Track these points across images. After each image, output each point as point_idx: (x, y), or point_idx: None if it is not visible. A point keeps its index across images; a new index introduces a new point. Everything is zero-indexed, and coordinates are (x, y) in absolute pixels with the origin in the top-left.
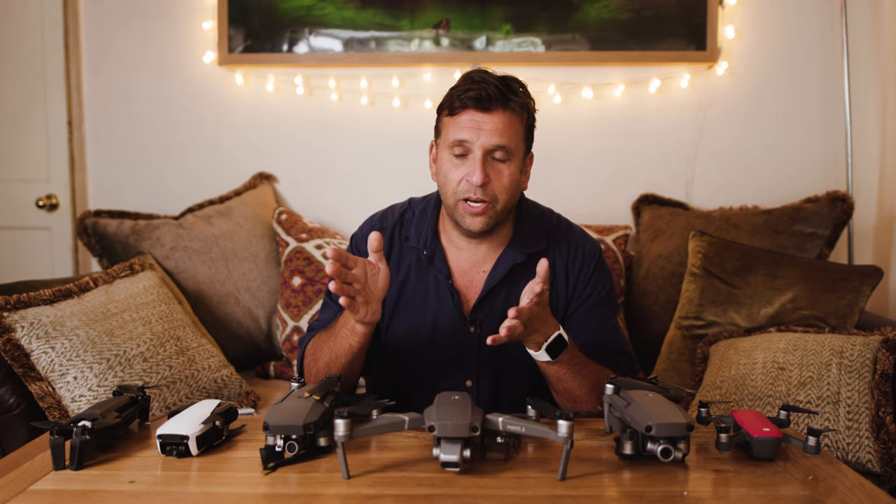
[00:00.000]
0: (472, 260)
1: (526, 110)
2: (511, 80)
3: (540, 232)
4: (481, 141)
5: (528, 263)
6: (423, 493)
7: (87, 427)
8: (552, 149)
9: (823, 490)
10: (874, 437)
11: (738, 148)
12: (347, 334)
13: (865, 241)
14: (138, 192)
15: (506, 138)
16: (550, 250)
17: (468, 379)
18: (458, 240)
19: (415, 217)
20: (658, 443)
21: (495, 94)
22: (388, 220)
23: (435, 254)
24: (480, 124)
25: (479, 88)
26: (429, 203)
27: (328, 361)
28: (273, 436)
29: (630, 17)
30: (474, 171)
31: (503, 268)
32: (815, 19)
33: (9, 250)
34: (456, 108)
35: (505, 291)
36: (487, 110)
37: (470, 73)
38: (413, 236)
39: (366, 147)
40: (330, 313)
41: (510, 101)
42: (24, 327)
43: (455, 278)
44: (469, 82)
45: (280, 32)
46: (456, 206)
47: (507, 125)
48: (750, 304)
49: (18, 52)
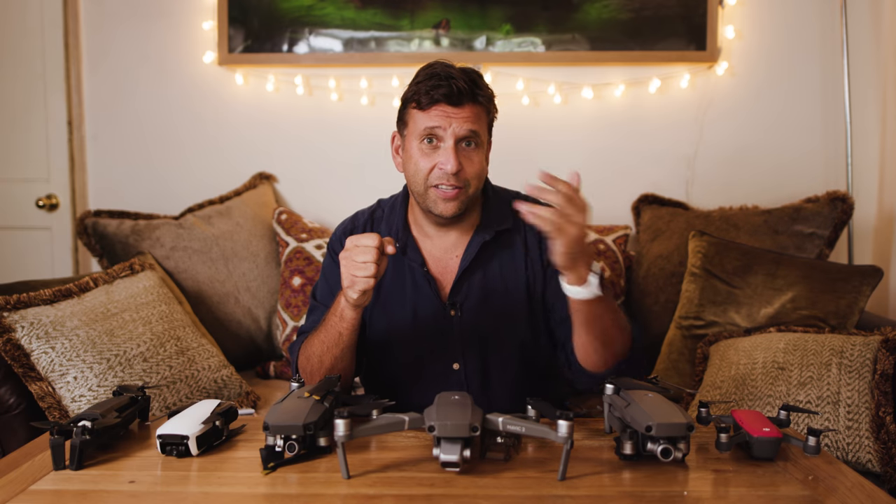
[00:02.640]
0: (443, 246)
1: (490, 102)
2: (475, 75)
3: (506, 210)
4: (453, 129)
5: (497, 241)
6: (423, 493)
7: (87, 427)
8: (552, 149)
9: (823, 490)
10: (874, 437)
11: (738, 148)
12: (336, 321)
13: (865, 241)
14: (138, 192)
15: (475, 126)
16: (519, 228)
17: (455, 362)
18: (428, 228)
19: (384, 214)
20: (658, 443)
21: (465, 90)
22: (360, 219)
23: (407, 245)
24: (451, 115)
25: (448, 85)
26: (396, 199)
27: (320, 354)
28: (273, 436)
29: (630, 17)
30: (448, 160)
31: (474, 247)
32: (815, 19)
33: (9, 250)
34: (426, 105)
35: (480, 271)
36: (458, 104)
37: (434, 69)
38: (384, 231)
39: (366, 147)
40: (317, 315)
41: (478, 96)
42: (24, 327)
43: (429, 266)
44: (437, 79)
45: (280, 32)
46: (427, 192)
47: (476, 116)
48: (750, 304)
49: (18, 52)
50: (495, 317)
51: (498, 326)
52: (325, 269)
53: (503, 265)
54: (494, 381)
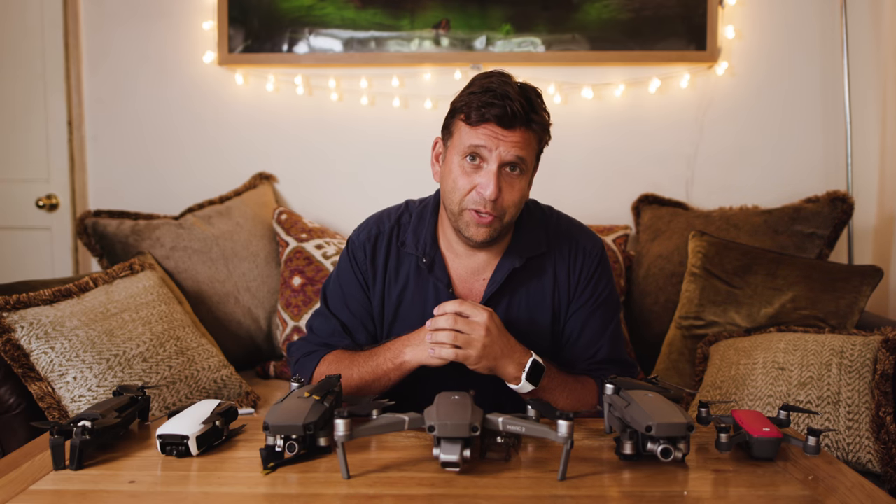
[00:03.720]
0: (471, 268)
1: (545, 131)
2: (533, 96)
3: (540, 234)
4: (499, 152)
5: (527, 268)
6: (423, 493)
7: (87, 427)
8: (552, 149)
9: (823, 490)
10: (874, 437)
11: (738, 148)
12: (391, 369)
13: (865, 241)
14: (138, 192)
15: (524, 153)
16: (550, 253)
17: (471, 388)
18: (457, 247)
19: (412, 221)
20: (658, 443)
21: (519, 113)
22: (385, 223)
23: (434, 261)
24: (500, 137)
25: (503, 105)
26: (427, 207)
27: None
28: (273, 436)
29: (630, 17)
30: (488, 185)
31: (502, 274)
32: (815, 19)
33: (9, 250)
34: (475, 121)
35: (506, 298)
36: (510, 127)
37: (491, 83)
38: (410, 242)
39: (366, 147)
40: (329, 328)
41: (532, 122)
42: (24, 327)
43: (455, 286)
44: (492, 96)
45: (280, 32)
46: (462, 213)
47: (526, 143)
48: (750, 304)
49: (18, 52)
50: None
51: None
52: (341, 271)
53: (530, 295)
54: (506, 404)
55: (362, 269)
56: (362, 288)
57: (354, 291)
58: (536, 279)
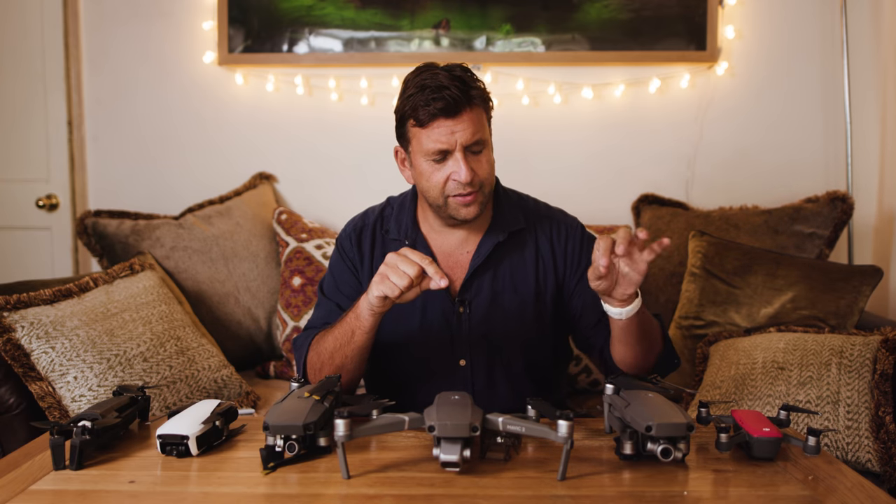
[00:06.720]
0: (453, 243)
1: (485, 98)
2: (464, 73)
3: (518, 213)
4: (458, 141)
5: (510, 242)
6: (423, 493)
7: (87, 427)
8: (552, 149)
9: (823, 490)
10: (874, 436)
11: (738, 148)
12: (352, 319)
13: (865, 241)
14: (138, 192)
15: (479, 132)
16: (531, 229)
17: (461, 359)
18: (437, 225)
19: (394, 211)
20: (658, 443)
21: (459, 98)
22: (370, 217)
23: (416, 241)
24: (453, 128)
25: (442, 97)
26: (406, 197)
27: (331, 351)
28: (273, 436)
29: (630, 17)
30: (460, 171)
31: (487, 247)
32: (815, 19)
33: (9, 250)
34: (424, 121)
35: (490, 271)
36: (457, 115)
37: (424, 80)
38: (393, 228)
39: (366, 147)
40: (324, 310)
41: (472, 98)
42: (24, 327)
43: (439, 262)
44: (430, 92)
45: (280, 32)
46: (446, 202)
47: (477, 119)
48: (750, 304)
49: (18, 52)
50: (503, 316)
51: (505, 326)
52: (332, 265)
53: (514, 266)
54: (499, 378)
55: (350, 256)
56: (352, 273)
57: (346, 277)
58: (518, 252)
